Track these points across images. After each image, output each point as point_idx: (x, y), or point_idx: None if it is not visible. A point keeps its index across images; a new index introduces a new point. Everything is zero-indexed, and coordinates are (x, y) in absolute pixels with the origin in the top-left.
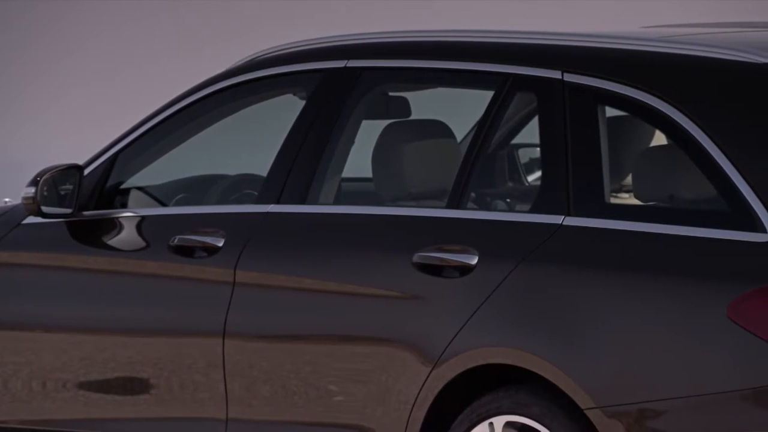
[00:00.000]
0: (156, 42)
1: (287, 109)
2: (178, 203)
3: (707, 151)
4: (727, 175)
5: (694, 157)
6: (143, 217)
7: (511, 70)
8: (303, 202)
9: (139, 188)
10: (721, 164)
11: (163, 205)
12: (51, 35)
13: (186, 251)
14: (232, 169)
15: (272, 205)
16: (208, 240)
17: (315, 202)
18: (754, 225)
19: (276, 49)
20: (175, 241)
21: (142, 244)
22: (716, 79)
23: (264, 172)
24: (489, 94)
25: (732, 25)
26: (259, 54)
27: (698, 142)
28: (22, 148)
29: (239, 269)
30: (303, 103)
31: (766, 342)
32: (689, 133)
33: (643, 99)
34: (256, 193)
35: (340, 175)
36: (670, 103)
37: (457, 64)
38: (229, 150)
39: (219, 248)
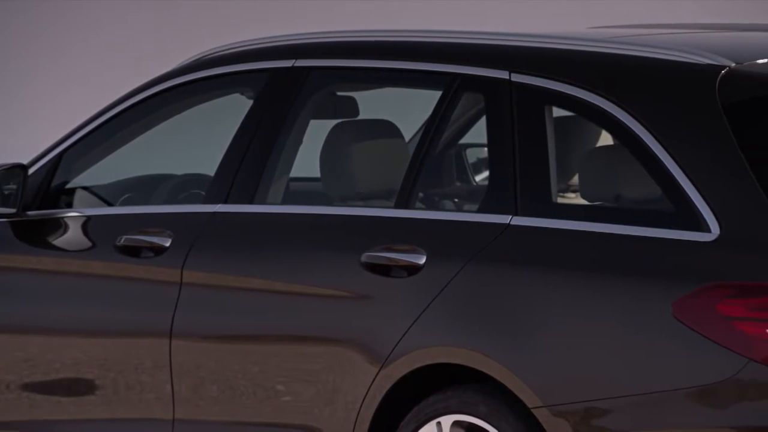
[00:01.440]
0: (154, 41)
1: (234, 108)
2: (125, 203)
3: (652, 151)
4: (672, 175)
5: (640, 157)
6: (89, 217)
7: (459, 70)
8: (251, 201)
9: (85, 188)
10: (666, 164)
11: (109, 204)
12: (49, 35)
13: (132, 251)
14: (178, 168)
15: (220, 205)
16: (155, 240)
17: (263, 202)
18: (699, 225)
19: (223, 48)
20: (122, 241)
21: (88, 244)
22: (661, 80)
23: (211, 171)
24: (437, 94)
25: (679, 26)
26: (206, 53)
27: (643, 142)
28: (18, 147)
29: (186, 269)
30: (250, 102)
31: (711, 341)
32: (635, 133)
33: (589, 99)
34: (203, 193)
35: (288, 175)
36: (615, 104)
37: (405, 63)
38: (175, 150)
39: (166, 248)
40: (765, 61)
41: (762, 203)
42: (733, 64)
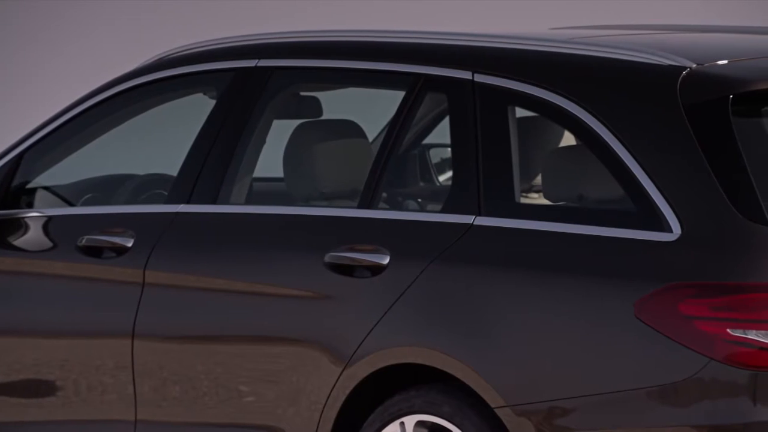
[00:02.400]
0: (150, 41)
1: (197, 108)
2: (87, 203)
3: (614, 151)
4: (634, 176)
5: (602, 158)
6: (50, 217)
7: (423, 70)
8: (214, 202)
9: (46, 188)
10: (628, 164)
11: (71, 204)
12: (46, 34)
13: (94, 251)
14: (141, 168)
15: (182, 205)
16: (117, 240)
17: (226, 202)
18: (661, 225)
19: (186, 47)
20: (83, 241)
21: (50, 244)
22: (623, 81)
23: (174, 171)
24: (400, 94)
25: (641, 27)
26: (169, 52)
27: (606, 142)
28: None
29: (149, 269)
30: (213, 102)
31: (672, 340)
32: (597, 133)
33: (551, 100)
34: (165, 193)
35: (251, 175)
36: (578, 104)
37: (369, 64)
38: (138, 149)
39: (128, 248)
40: (725, 62)
41: (723, 203)
42: (695, 65)
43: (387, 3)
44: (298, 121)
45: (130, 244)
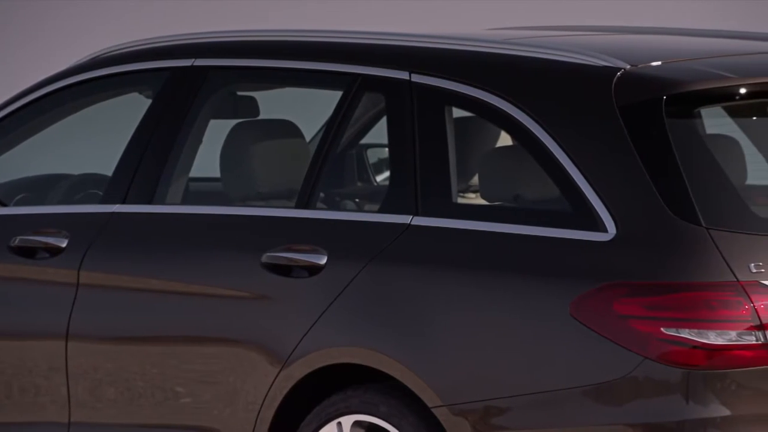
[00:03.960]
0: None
1: (133, 107)
2: (19, 203)
3: (550, 151)
4: (570, 176)
5: (538, 158)
6: None
7: (360, 70)
8: (150, 202)
9: None
10: (564, 165)
11: (3, 205)
12: (44, 33)
13: (27, 252)
14: (75, 168)
15: (118, 205)
16: (51, 241)
17: (162, 202)
18: (596, 224)
19: (121, 46)
20: (16, 241)
21: None
22: (558, 82)
23: (109, 171)
24: (338, 94)
25: (577, 28)
26: (103, 51)
27: (542, 143)
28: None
29: (83, 270)
30: (149, 101)
31: (607, 339)
32: (533, 134)
33: (488, 100)
34: (100, 193)
35: (187, 175)
36: (514, 105)
37: (306, 64)
38: (72, 149)
39: (62, 249)
40: (659, 63)
41: (657, 203)
42: (629, 66)
43: (328, 4)
44: (235, 121)
45: (64, 245)
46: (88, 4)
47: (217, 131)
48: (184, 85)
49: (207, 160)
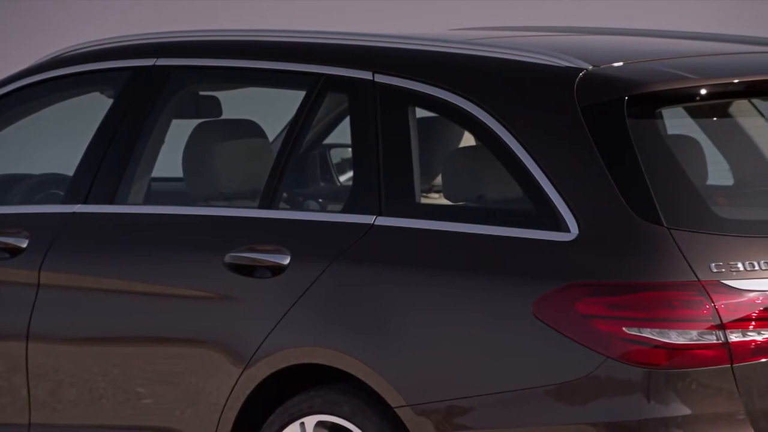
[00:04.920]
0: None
1: (94, 107)
2: None
3: (513, 152)
4: (533, 176)
5: (501, 158)
6: None
7: (323, 70)
8: (111, 202)
9: None
10: (527, 165)
11: None
12: (41, 33)
13: None
14: (36, 168)
15: (79, 206)
16: (11, 241)
17: (124, 203)
18: (559, 225)
19: (82, 45)
20: None
21: None
22: (521, 82)
23: (70, 171)
24: (301, 94)
25: (540, 29)
26: (64, 51)
27: (504, 143)
28: None
29: (44, 271)
30: (110, 101)
31: (570, 339)
32: (496, 134)
33: (451, 100)
34: (61, 193)
35: (149, 175)
36: (477, 105)
37: (269, 63)
38: (33, 149)
39: (23, 249)
40: (621, 63)
41: (619, 204)
42: (591, 67)
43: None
44: (198, 121)
45: (24, 245)
46: (87, 4)
47: (179, 131)
48: (145, 85)
49: (169, 160)
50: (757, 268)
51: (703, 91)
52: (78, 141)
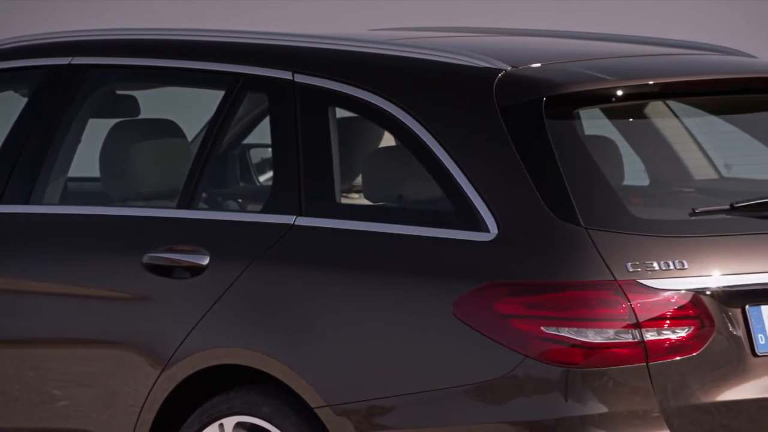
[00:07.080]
0: None
1: (8, 106)
2: None
3: (433, 152)
4: (453, 176)
5: (421, 158)
6: None
7: (242, 70)
8: (26, 202)
9: None
10: (447, 165)
11: None
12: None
13: None
14: None
15: None
16: None
17: (39, 203)
18: (478, 225)
19: None
20: None
21: None
22: (440, 82)
23: None
24: (220, 94)
25: (460, 29)
26: None
27: (424, 143)
28: None
29: None
30: (25, 100)
31: (489, 338)
32: (415, 134)
33: (371, 100)
34: None
35: (65, 175)
36: (396, 105)
37: (188, 63)
38: None
39: None
40: (539, 65)
41: (537, 204)
42: (510, 68)
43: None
44: (115, 120)
45: None
46: (88, 4)
47: (96, 130)
48: (61, 84)
49: (86, 160)
50: (672, 267)
51: (620, 93)
52: None
